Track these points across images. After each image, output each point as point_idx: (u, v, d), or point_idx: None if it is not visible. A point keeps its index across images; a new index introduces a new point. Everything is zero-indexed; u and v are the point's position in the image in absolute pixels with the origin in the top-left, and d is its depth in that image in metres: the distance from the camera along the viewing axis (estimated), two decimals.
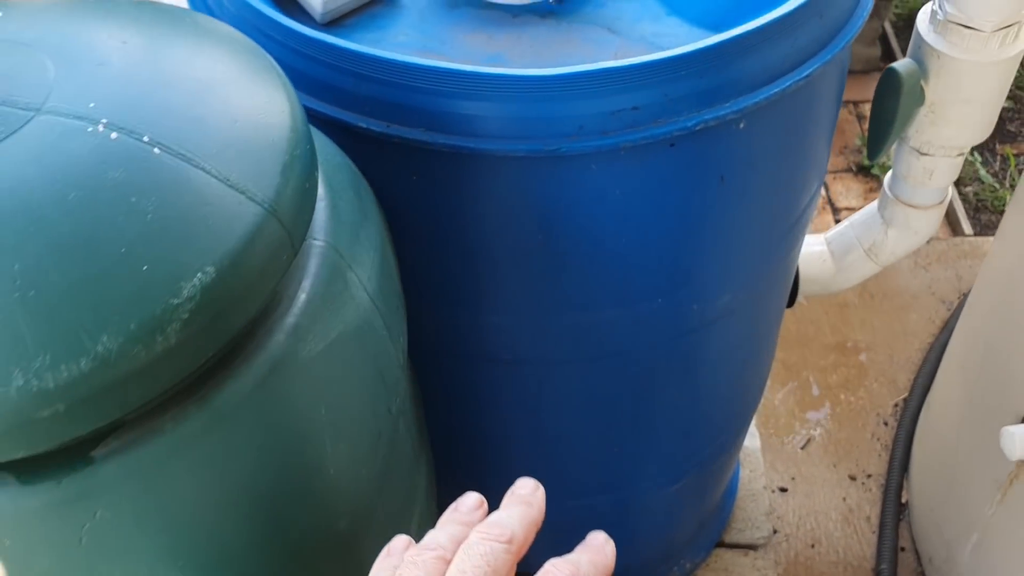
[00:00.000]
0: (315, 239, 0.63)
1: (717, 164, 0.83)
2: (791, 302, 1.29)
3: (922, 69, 1.04)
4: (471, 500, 0.53)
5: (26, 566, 0.53)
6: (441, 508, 0.53)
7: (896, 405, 1.94)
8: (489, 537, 0.48)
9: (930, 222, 1.21)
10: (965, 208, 2.37)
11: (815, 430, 1.90)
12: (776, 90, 0.79)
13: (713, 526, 1.54)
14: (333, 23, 0.89)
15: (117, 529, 0.53)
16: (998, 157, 2.53)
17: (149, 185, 0.51)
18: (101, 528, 0.53)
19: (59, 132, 0.52)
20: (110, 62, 0.57)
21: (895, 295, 2.15)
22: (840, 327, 2.09)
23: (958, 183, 2.45)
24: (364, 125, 0.77)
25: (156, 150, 0.53)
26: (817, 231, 1.95)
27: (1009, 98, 2.64)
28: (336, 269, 0.63)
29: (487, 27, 0.90)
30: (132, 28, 0.61)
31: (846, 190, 2.42)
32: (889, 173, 1.22)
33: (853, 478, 1.83)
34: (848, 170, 2.48)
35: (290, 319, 0.58)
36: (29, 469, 0.51)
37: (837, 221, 2.35)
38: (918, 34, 1.04)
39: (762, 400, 1.91)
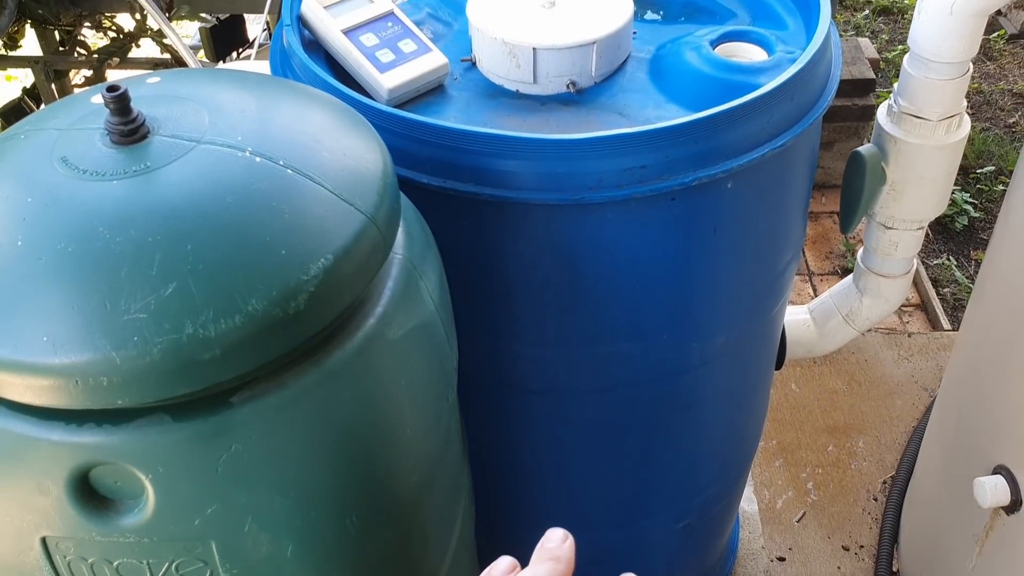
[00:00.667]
0: (396, 253, 0.79)
1: (711, 217, 1.01)
2: (779, 364, 1.45)
3: (883, 153, 1.23)
4: (504, 565, 0.55)
5: (172, 490, 0.68)
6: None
7: (884, 482, 2.07)
8: None
9: (899, 290, 1.38)
10: (943, 306, 2.54)
11: (810, 505, 2.02)
12: (756, 156, 0.97)
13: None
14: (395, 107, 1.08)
15: (246, 461, 0.68)
16: (972, 262, 2.73)
17: (285, 194, 0.69)
18: (234, 459, 0.68)
19: (216, 156, 0.70)
20: (249, 110, 0.75)
21: (881, 383, 2.30)
22: (831, 412, 2.23)
23: (937, 284, 2.64)
24: (425, 180, 0.95)
25: (289, 171, 0.70)
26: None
27: (980, 209, 2.86)
28: (411, 277, 0.79)
29: (520, 112, 1.09)
30: (260, 89, 0.79)
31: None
32: (861, 248, 1.39)
33: (847, 549, 1.95)
34: (834, 272, 2.67)
35: (379, 308, 0.75)
36: (181, 409, 0.67)
37: None
38: (878, 123, 1.24)
39: (760, 476, 2.04)
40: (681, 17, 1.24)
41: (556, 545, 0.54)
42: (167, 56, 2.17)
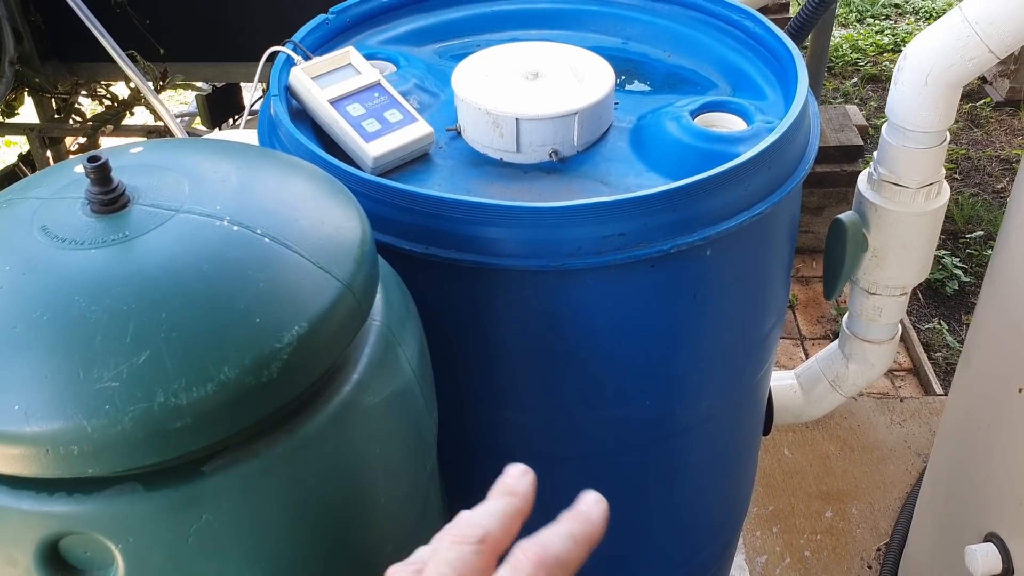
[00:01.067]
0: (374, 320, 0.80)
1: (690, 283, 1.01)
2: (767, 429, 1.44)
3: (864, 220, 1.25)
4: (462, 516, 0.50)
5: (142, 561, 0.67)
6: None
7: (878, 549, 2.05)
8: (459, 540, 0.48)
9: (884, 356, 1.38)
10: (936, 371, 2.54)
11: (805, 572, 2.00)
12: (734, 224, 0.98)
13: None
14: (380, 176, 1.09)
15: (217, 531, 0.68)
16: (964, 326, 2.73)
17: (261, 262, 0.69)
18: (205, 530, 0.67)
19: (194, 225, 0.71)
20: (228, 179, 0.76)
21: (874, 448, 2.29)
22: (824, 477, 2.21)
23: (929, 348, 2.64)
24: (407, 247, 0.96)
25: (266, 239, 0.71)
26: None
27: (970, 274, 2.87)
28: (389, 343, 0.80)
29: (504, 180, 1.10)
30: (241, 158, 0.80)
31: None
32: (847, 313, 1.40)
33: None
34: (826, 336, 2.68)
35: (355, 375, 0.75)
36: (153, 478, 0.66)
37: None
38: (859, 191, 1.25)
39: (754, 543, 2.02)
40: (663, 88, 1.26)
41: (514, 480, 0.52)
42: (160, 124, 2.20)
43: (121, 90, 2.13)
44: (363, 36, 1.32)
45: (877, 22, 4.43)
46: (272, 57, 1.19)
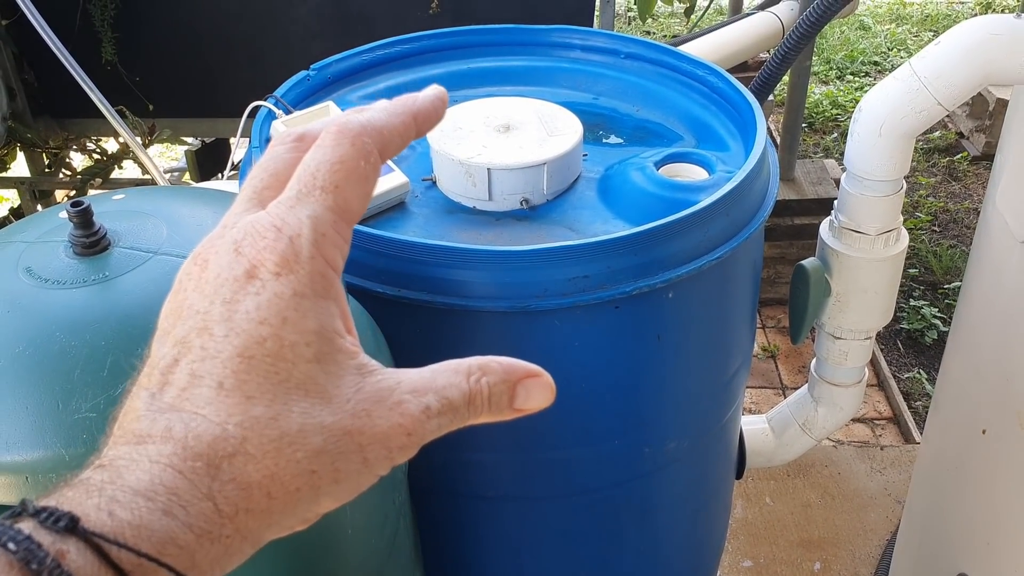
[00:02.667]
0: None
1: (654, 325, 1.05)
2: (740, 473, 1.47)
3: (826, 266, 1.29)
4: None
5: None
6: None
7: None
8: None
9: (852, 399, 1.42)
10: (915, 419, 2.57)
11: None
12: (695, 267, 1.02)
13: None
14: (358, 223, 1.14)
15: None
16: None
17: None
18: None
19: (171, 266, 0.75)
20: (205, 223, 0.80)
21: (854, 496, 2.31)
22: (805, 525, 2.23)
23: (908, 397, 2.67)
24: (379, 290, 1.00)
25: None
26: None
27: (949, 324, 2.92)
28: None
29: (476, 227, 1.15)
30: (218, 204, 0.85)
31: None
32: (815, 358, 1.44)
33: None
34: None
35: None
36: None
37: None
38: (821, 238, 1.30)
39: None
40: (631, 140, 1.31)
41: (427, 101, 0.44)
42: (148, 177, 2.26)
43: (111, 145, 2.19)
44: (343, 92, 1.38)
45: (856, 79, 4.54)
46: (254, 111, 1.24)
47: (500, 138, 1.18)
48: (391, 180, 1.15)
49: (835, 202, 1.29)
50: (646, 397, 1.10)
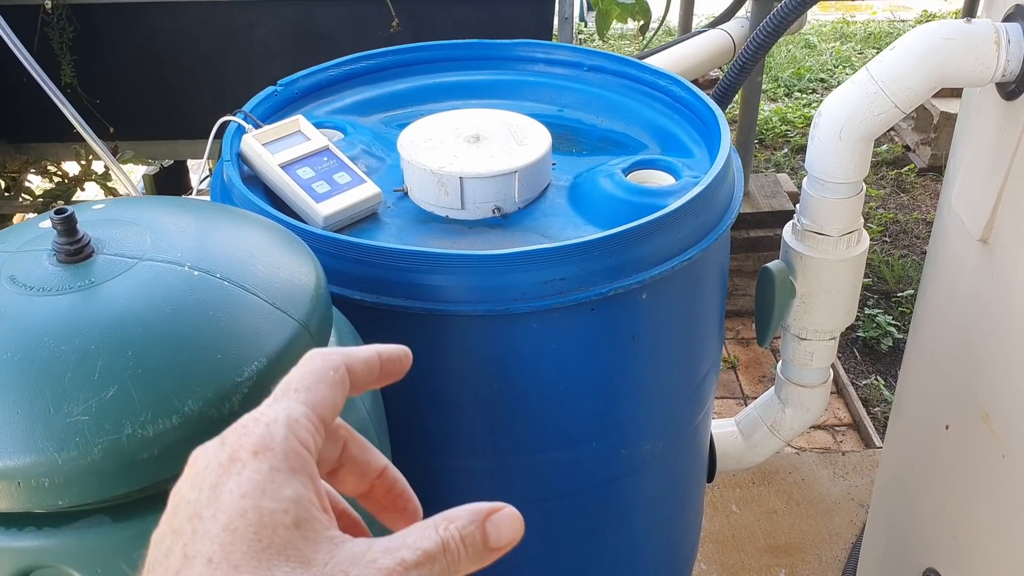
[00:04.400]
0: None
1: (629, 326, 1.07)
2: (711, 476, 1.49)
3: (790, 268, 1.32)
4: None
5: None
6: None
7: None
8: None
9: (818, 399, 1.45)
10: (875, 424, 2.62)
11: None
12: (667, 268, 1.05)
13: None
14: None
15: None
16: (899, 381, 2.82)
17: (221, 303, 0.74)
18: None
19: (157, 271, 0.75)
20: (188, 230, 0.81)
21: (819, 501, 2.34)
22: (772, 532, 2.26)
23: (867, 403, 2.72)
24: (358, 297, 1.00)
25: (225, 282, 0.75)
26: None
27: (903, 331, 2.98)
28: None
29: (450, 235, 1.16)
30: (200, 212, 0.85)
31: None
32: (781, 360, 1.47)
33: None
34: None
35: None
36: (120, 511, 0.69)
37: None
38: (784, 241, 1.33)
39: None
40: (597, 150, 1.34)
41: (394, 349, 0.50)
42: (111, 199, 2.23)
43: (71, 167, 2.17)
44: (311, 107, 1.39)
45: (804, 95, 4.64)
46: (223, 128, 1.24)
47: (470, 148, 1.19)
48: (363, 191, 1.16)
49: (797, 206, 1.33)
50: (622, 398, 1.12)
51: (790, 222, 1.35)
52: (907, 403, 1.57)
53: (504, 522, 0.43)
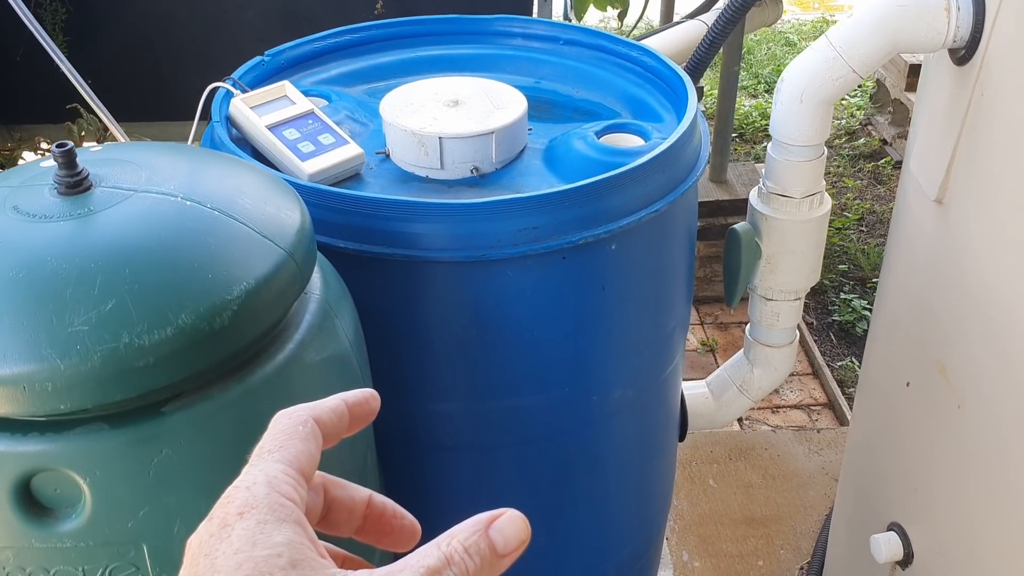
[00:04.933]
0: (314, 293, 0.90)
1: (599, 275, 1.13)
2: (682, 435, 1.55)
3: (756, 230, 1.38)
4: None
5: (108, 493, 0.75)
6: None
7: (801, 568, 2.15)
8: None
9: (785, 359, 1.51)
10: (849, 404, 2.69)
11: None
12: (635, 219, 1.10)
13: None
14: None
15: (176, 465, 0.76)
16: None
17: (211, 230, 0.79)
18: (165, 464, 0.75)
19: (151, 201, 0.80)
20: (181, 168, 0.86)
21: (794, 476, 2.40)
22: (748, 505, 2.32)
23: (842, 384, 2.79)
24: (341, 245, 1.06)
25: (216, 212, 0.81)
26: (723, 429, 2.28)
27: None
28: (328, 314, 0.89)
29: (429, 194, 1.21)
30: (192, 155, 0.91)
31: None
32: (749, 323, 1.53)
33: None
34: None
35: (298, 336, 0.84)
36: (118, 417, 0.75)
37: (739, 420, 2.64)
38: (751, 204, 1.39)
39: (683, 568, 2.10)
40: (572, 118, 1.39)
41: (358, 394, 0.51)
42: (108, 144, 2.27)
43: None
44: (297, 77, 1.44)
45: None
46: (213, 93, 1.29)
47: (450, 111, 1.25)
48: (346, 152, 1.22)
49: (763, 169, 1.39)
50: (593, 345, 1.18)
51: (756, 186, 1.41)
52: (872, 365, 1.63)
53: (508, 526, 0.43)
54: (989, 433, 1.30)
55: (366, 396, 0.51)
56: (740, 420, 2.63)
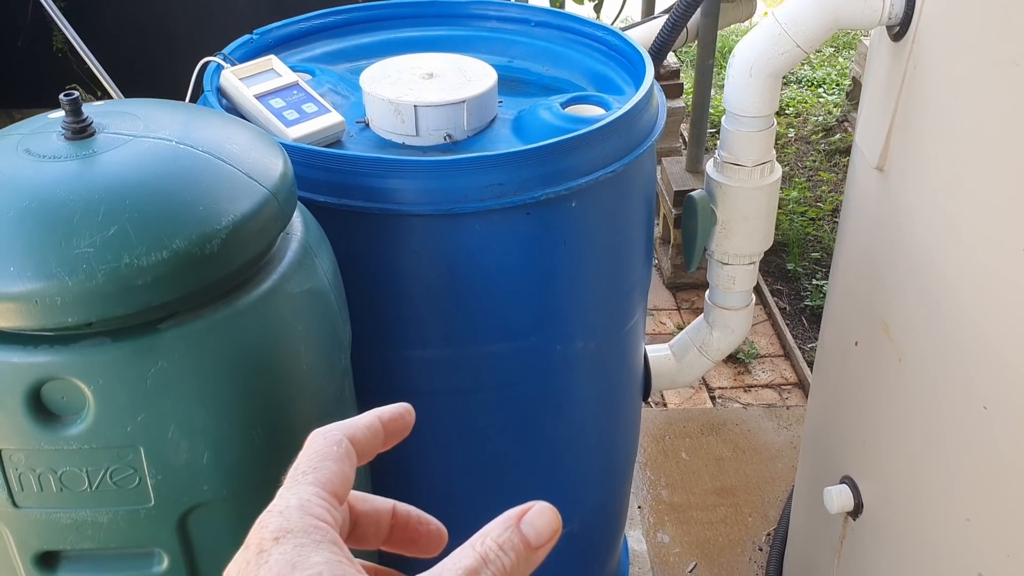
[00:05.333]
0: (296, 233, 0.99)
1: (560, 231, 1.23)
2: (646, 394, 1.65)
3: (712, 197, 1.48)
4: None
5: (109, 399, 0.84)
6: None
7: (768, 534, 2.25)
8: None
9: (742, 321, 1.61)
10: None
11: (701, 557, 2.18)
12: (593, 178, 1.20)
13: None
14: None
15: (171, 375, 0.85)
16: None
17: (203, 169, 0.89)
18: (161, 374, 0.85)
19: (149, 144, 0.90)
20: (176, 120, 0.95)
21: (763, 449, 2.50)
22: (718, 475, 2.42)
23: (811, 366, 2.89)
24: (322, 200, 1.15)
25: (207, 155, 0.90)
26: (696, 407, 2.39)
27: None
28: (307, 253, 0.99)
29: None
30: (187, 110, 1.00)
31: (718, 374, 2.83)
32: (708, 288, 1.63)
33: None
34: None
35: (280, 268, 0.94)
36: (119, 332, 0.84)
37: (712, 398, 2.74)
38: (707, 173, 1.49)
39: (656, 535, 2.20)
40: (541, 93, 1.49)
41: (392, 409, 0.52)
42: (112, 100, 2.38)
43: None
44: (283, 55, 1.53)
45: None
46: (204, 68, 1.39)
47: (425, 83, 1.35)
48: (328, 119, 1.31)
49: (719, 141, 1.49)
50: (556, 297, 1.27)
51: (712, 157, 1.51)
52: (827, 329, 1.73)
53: (538, 519, 0.43)
54: (926, 383, 1.40)
55: (401, 412, 0.52)
56: (713, 398, 2.73)
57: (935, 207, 1.32)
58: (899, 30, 1.30)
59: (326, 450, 0.46)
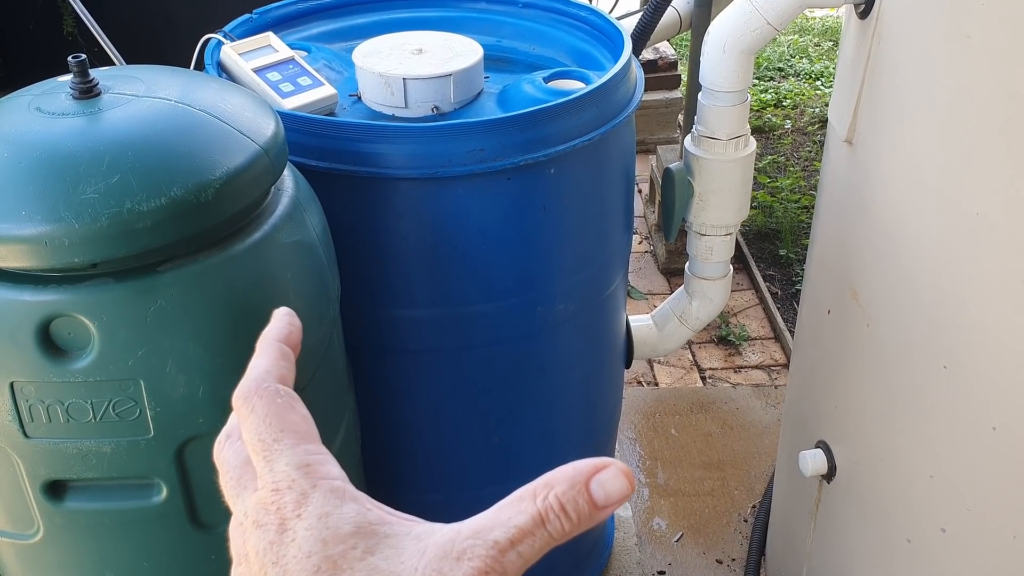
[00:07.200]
0: (286, 189, 1.06)
1: (540, 196, 1.30)
2: (628, 362, 1.72)
3: (689, 170, 1.55)
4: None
5: (112, 335, 0.91)
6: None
7: (753, 506, 2.31)
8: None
9: (720, 291, 1.68)
10: None
11: (688, 527, 2.25)
12: (570, 146, 1.27)
13: (590, 570, 1.86)
14: None
15: (169, 313, 0.92)
16: None
17: (199, 126, 0.96)
18: (160, 312, 0.92)
19: (150, 103, 0.97)
20: (176, 83, 1.03)
21: (750, 426, 2.57)
22: (707, 451, 2.48)
23: None
24: (313, 164, 1.23)
25: (204, 113, 0.98)
26: (686, 386, 2.46)
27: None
28: (297, 208, 1.06)
29: None
30: (187, 74, 1.07)
31: (709, 356, 2.90)
32: (688, 260, 1.70)
33: (720, 562, 2.17)
34: (711, 341, 2.98)
35: (272, 220, 1.01)
36: (121, 274, 0.91)
37: (703, 379, 2.81)
38: (684, 147, 1.56)
39: (644, 506, 2.26)
40: (526, 70, 1.56)
41: (279, 325, 0.52)
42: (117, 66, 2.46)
43: None
44: (281, 34, 1.61)
45: (762, 83, 4.89)
46: (206, 44, 1.46)
47: (414, 58, 1.42)
48: (322, 92, 1.38)
49: (696, 116, 1.56)
50: (536, 260, 1.34)
51: (690, 132, 1.58)
52: (805, 302, 1.79)
53: (611, 481, 0.39)
54: (893, 348, 1.46)
55: (285, 321, 0.55)
56: (704, 378, 2.80)
57: (898, 175, 1.38)
58: (864, 7, 1.37)
59: (275, 407, 0.46)
